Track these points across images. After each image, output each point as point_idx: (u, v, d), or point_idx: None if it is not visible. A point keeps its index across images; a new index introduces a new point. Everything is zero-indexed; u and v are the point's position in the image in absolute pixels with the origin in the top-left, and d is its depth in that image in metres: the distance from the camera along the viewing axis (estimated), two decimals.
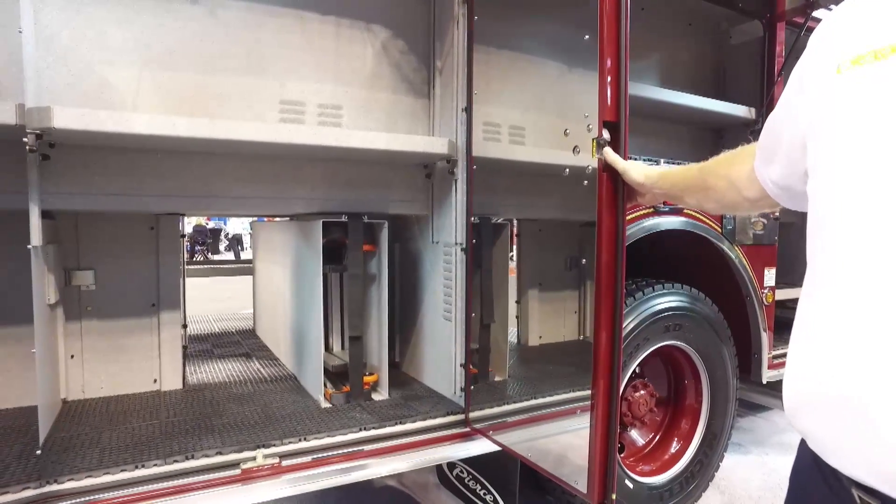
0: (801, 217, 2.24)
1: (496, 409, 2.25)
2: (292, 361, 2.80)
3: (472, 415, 2.24)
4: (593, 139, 1.52)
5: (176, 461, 1.76)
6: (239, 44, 2.17)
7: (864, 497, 0.68)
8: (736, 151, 1.16)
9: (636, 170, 1.46)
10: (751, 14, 3.28)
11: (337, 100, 2.33)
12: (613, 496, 1.61)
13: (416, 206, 2.52)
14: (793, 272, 4.38)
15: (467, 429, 2.21)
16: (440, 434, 2.18)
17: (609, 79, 1.48)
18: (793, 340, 0.79)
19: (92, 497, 1.60)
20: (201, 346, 3.26)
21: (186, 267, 3.45)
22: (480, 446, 2.20)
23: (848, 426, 0.67)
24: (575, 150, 1.79)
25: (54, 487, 1.58)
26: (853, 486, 0.68)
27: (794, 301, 0.91)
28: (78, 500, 1.59)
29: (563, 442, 2.12)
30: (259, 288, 3.75)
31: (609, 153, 1.50)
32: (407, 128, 2.48)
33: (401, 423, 2.16)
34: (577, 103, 2.07)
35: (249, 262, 4.38)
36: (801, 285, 2.35)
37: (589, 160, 1.60)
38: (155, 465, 1.73)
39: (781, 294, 3.70)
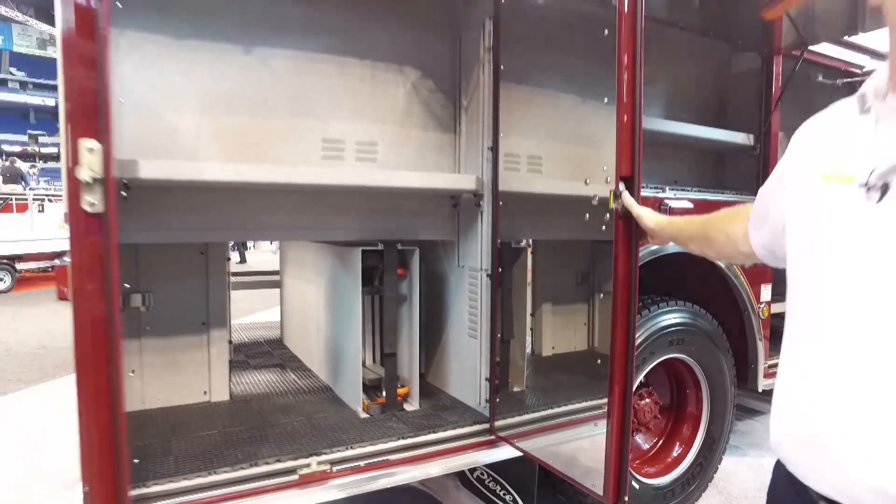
0: None
1: (517, 418, 2.49)
2: (327, 373, 3.04)
3: (497, 423, 2.49)
4: (611, 191, 1.76)
5: (242, 468, 1.99)
6: (286, 88, 2.40)
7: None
8: (735, 210, 1.39)
9: (649, 216, 1.69)
10: (750, 48, 3.52)
11: (372, 137, 2.57)
12: (626, 498, 1.85)
13: (443, 233, 2.75)
14: (782, 281, 4.64)
15: (493, 437, 2.45)
16: (469, 441, 2.42)
17: (626, 140, 1.71)
18: (777, 388, 1.03)
19: (175, 500, 1.84)
20: (236, 357, 3.49)
21: None
22: (505, 452, 2.44)
23: (816, 456, 0.91)
24: (586, 181, 2.04)
25: (143, 491, 1.81)
26: (820, 498, 0.92)
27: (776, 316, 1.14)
28: (163, 502, 1.82)
29: (578, 447, 2.36)
30: (288, 300, 3.97)
31: (626, 198, 1.74)
32: (435, 161, 2.71)
33: (433, 431, 2.40)
34: (589, 132, 2.32)
35: (264, 273, 4.56)
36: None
37: (596, 190, 1.86)
38: (224, 471, 1.96)
39: (777, 307, 3.95)
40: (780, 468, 1.04)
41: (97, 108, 1.22)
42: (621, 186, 1.76)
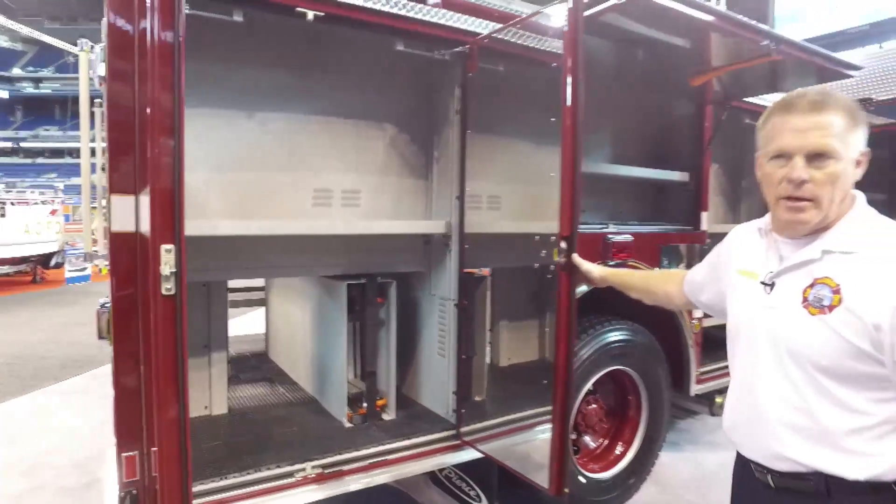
0: None
1: (479, 424, 2.95)
2: (313, 387, 3.44)
3: (463, 429, 2.93)
4: (555, 249, 2.21)
5: (248, 473, 2.40)
6: (282, 146, 2.80)
7: (756, 467, 1.41)
8: (669, 273, 1.96)
9: (596, 271, 2.17)
10: (687, 99, 4.03)
11: (356, 185, 2.98)
12: (567, 490, 2.32)
13: (416, 265, 3.18)
14: None
15: (459, 441, 2.90)
16: (438, 445, 2.87)
17: (566, 208, 2.17)
18: (728, 393, 1.54)
19: (195, 502, 2.23)
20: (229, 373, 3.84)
21: None
22: (469, 454, 2.90)
23: (747, 435, 1.44)
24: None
25: None
26: (751, 462, 1.44)
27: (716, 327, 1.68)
28: None
29: (530, 447, 2.82)
30: (274, 318, 4.35)
31: (576, 259, 2.18)
32: (410, 206, 3.14)
33: (408, 438, 2.84)
34: (542, 175, 2.77)
35: (251, 289, 4.90)
36: None
37: (540, 227, 2.31)
38: (234, 476, 2.36)
39: (707, 322, 4.49)
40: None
41: (174, 221, 1.63)
42: (563, 244, 2.21)
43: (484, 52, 2.75)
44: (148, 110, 1.76)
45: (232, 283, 4.47)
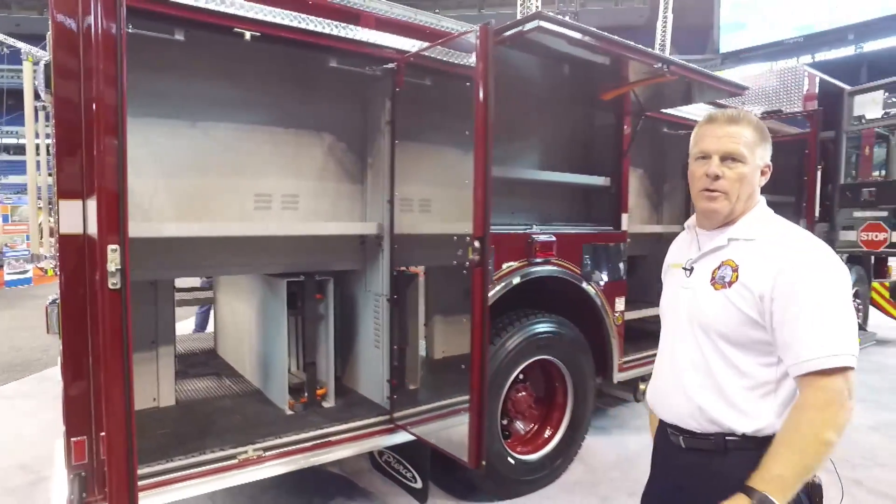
0: (651, 250, 3.63)
1: (411, 410, 3.21)
2: (258, 379, 3.65)
3: (395, 414, 3.19)
4: (468, 247, 2.50)
5: (193, 456, 2.60)
6: (225, 153, 3.01)
7: (670, 428, 1.65)
8: None
9: None
10: (608, 110, 4.38)
11: (295, 190, 3.21)
12: (484, 462, 2.60)
13: (352, 264, 3.43)
14: (647, 292, 5.60)
15: (392, 425, 3.16)
16: (373, 429, 3.12)
17: (479, 212, 2.45)
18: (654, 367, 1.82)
19: (142, 482, 2.42)
20: (178, 367, 4.01)
21: None
22: (402, 437, 3.16)
23: (665, 400, 1.67)
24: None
25: None
26: (667, 427, 1.67)
27: (641, 319, 1.90)
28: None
29: (455, 430, 3.09)
30: (221, 316, 4.52)
31: None
32: (346, 208, 3.38)
33: (345, 423, 3.08)
34: (466, 180, 3.04)
35: (197, 289, 5.07)
36: (653, 305, 3.70)
37: (465, 228, 2.61)
38: (179, 459, 2.56)
39: (631, 315, 4.86)
40: None
41: (118, 224, 1.85)
42: (476, 244, 2.49)
43: (410, 68, 3.02)
44: (93, 107, 1.92)
45: (181, 283, 4.62)
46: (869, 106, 6.01)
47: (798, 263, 1.46)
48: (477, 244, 2.47)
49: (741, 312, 1.50)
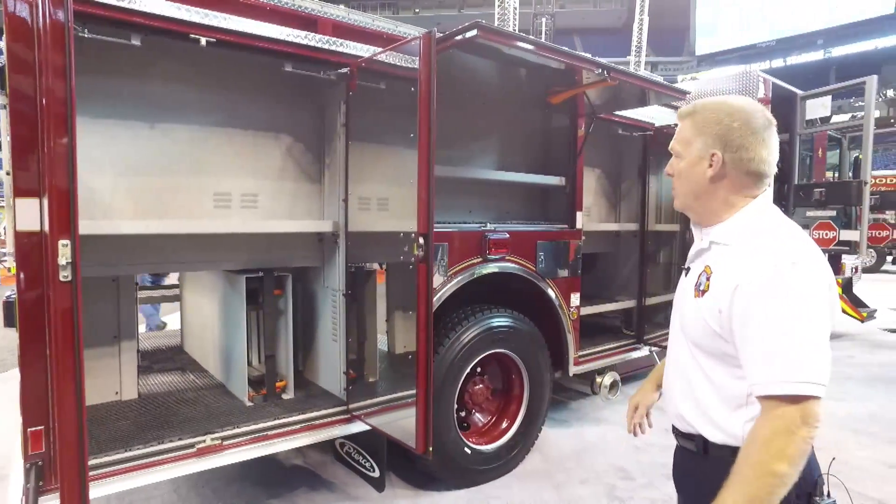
0: (614, 246, 3.84)
1: (367, 401, 3.34)
2: (220, 373, 3.75)
3: (352, 405, 3.32)
4: (414, 243, 2.64)
5: (151, 445, 2.70)
6: (185, 154, 3.11)
7: (672, 428, 1.64)
8: None
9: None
10: (562, 110, 4.56)
11: (255, 189, 3.32)
12: (430, 448, 2.74)
13: (310, 260, 3.56)
14: (608, 288, 5.79)
15: (348, 415, 3.29)
16: (330, 419, 3.24)
17: (422, 210, 2.59)
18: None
19: (99, 471, 2.52)
20: (143, 363, 4.10)
21: None
22: (358, 427, 3.29)
23: (666, 401, 1.67)
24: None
25: None
26: (673, 429, 1.65)
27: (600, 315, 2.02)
28: (93, 472, 2.50)
29: (409, 420, 3.23)
30: (187, 312, 4.61)
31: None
32: (305, 207, 3.50)
33: (302, 413, 3.20)
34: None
35: (166, 287, 5.15)
36: (613, 300, 3.91)
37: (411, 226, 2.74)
38: (138, 448, 2.67)
39: (589, 310, 5.04)
40: None
41: (69, 220, 1.96)
42: (421, 240, 2.63)
43: (363, 72, 3.16)
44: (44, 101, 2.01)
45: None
46: (819, 110, 6.26)
47: (755, 280, 1.34)
48: (421, 241, 2.60)
49: (706, 324, 1.44)
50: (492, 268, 3.88)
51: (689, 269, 1.60)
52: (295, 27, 2.99)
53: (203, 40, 2.62)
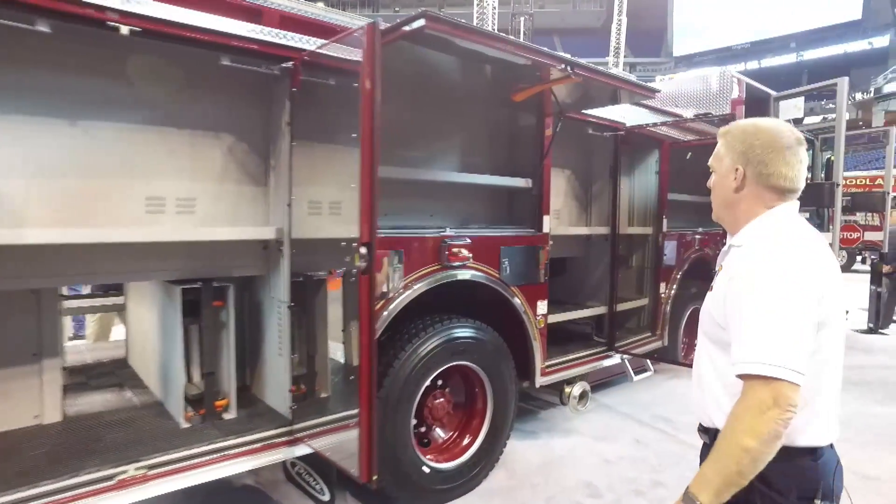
0: (585, 250, 3.58)
1: (313, 421, 3.10)
2: (160, 390, 3.48)
3: (297, 426, 3.08)
4: (356, 254, 2.41)
5: (63, 479, 2.43)
6: (111, 154, 2.83)
7: (699, 427, 1.74)
8: None
9: None
10: (528, 109, 4.35)
11: (192, 193, 3.06)
12: (375, 476, 2.51)
13: (255, 269, 3.30)
14: (579, 294, 5.61)
15: (292, 437, 3.04)
16: (271, 442, 3.00)
17: (364, 217, 2.36)
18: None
19: None
20: (76, 379, 3.80)
21: None
22: (302, 450, 3.05)
23: (697, 408, 1.74)
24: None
25: None
26: (699, 426, 1.74)
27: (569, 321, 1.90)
28: None
29: (354, 441, 3.00)
30: (131, 323, 4.32)
31: None
32: (249, 212, 3.24)
33: (241, 435, 2.95)
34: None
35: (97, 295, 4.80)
36: (584, 307, 3.71)
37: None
38: (46, 484, 2.39)
39: (558, 317, 4.85)
40: None
41: None
42: (362, 250, 2.40)
43: (308, 67, 2.92)
44: None
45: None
46: (792, 111, 6.18)
47: (744, 272, 1.53)
48: (363, 251, 2.38)
49: (712, 314, 1.63)
50: (451, 275, 3.66)
51: (720, 266, 1.74)
52: (238, 18, 2.75)
53: (124, 28, 2.36)
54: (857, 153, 29.41)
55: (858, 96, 37.03)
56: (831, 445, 1.60)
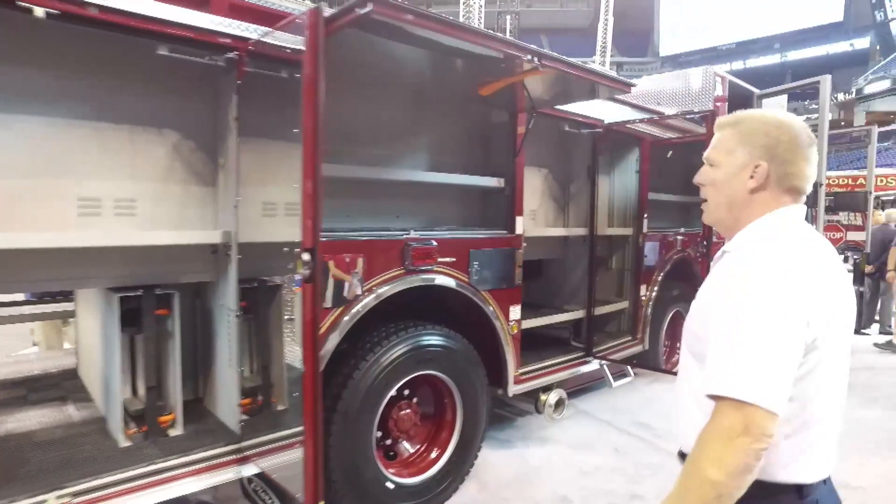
0: (562, 252, 3.35)
1: (264, 437, 2.89)
2: (102, 405, 3.25)
3: (246, 443, 2.87)
4: (298, 260, 2.20)
5: None
6: (37, 151, 2.59)
7: (680, 454, 1.51)
8: None
9: None
10: (501, 107, 4.17)
11: (132, 194, 2.83)
12: (322, 502, 2.31)
13: (203, 275, 3.08)
14: (556, 297, 5.44)
15: (239, 456, 2.83)
16: (217, 461, 2.79)
17: (307, 220, 2.16)
18: None
19: None
20: (15, 392, 3.55)
21: None
22: (250, 469, 2.84)
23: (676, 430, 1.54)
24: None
25: None
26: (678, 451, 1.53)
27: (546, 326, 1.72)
28: None
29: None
30: (80, 332, 4.08)
31: None
32: (197, 213, 3.03)
33: (185, 455, 2.74)
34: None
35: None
36: (561, 311, 3.48)
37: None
38: None
39: (534, 322, 4.67)
40: None
41: None
42: (304, 256, 2.20)
43: (254, 57, 2.71)
44: None
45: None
46: (776, 109, 6.05)
47: (726, 287, 1.33)
48: (306, 257, 2.17)
49: (693, 325, 1.47)
50: (416, 280, 3.46)
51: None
52: (183, 5, 2.54)
53: (39, 10, 2.14)
54: (840, 153, 29.68)
55: (841, 97, 37.40)
56: (825, 481, 1.39)
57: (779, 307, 1.24)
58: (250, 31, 2.64)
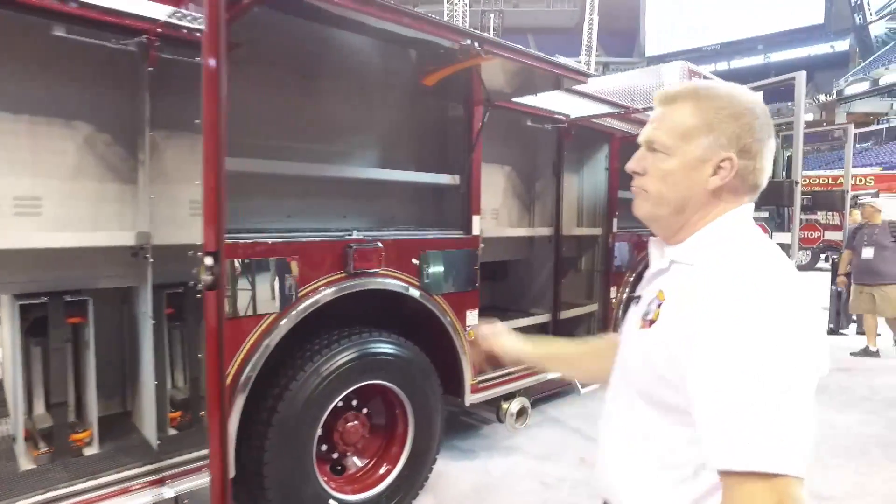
0: (527, 253, 3.12)
1: (186, 456, 2.66)
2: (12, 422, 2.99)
3: (165, 462, 2.63)
4: (201, 266, 1.97)
5: None
6: None
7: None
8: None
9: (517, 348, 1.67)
10: (455, 99, 3.96)
11: (35, 191, 2.58)
12: None
13: (122, 280, 2.84)
14: (521, 300, 5.23)
15: (157, 477, 2.59)
16: (132, 484, 2.53)
17: (209, 221, 1.93)
18: None
19: None
20: None
21: None
22: (170, 491, 2.60)
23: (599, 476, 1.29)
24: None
25: None
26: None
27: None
28: None
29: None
30: (4, 343, 3.81)
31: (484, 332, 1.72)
32: (115, 212, 2.77)
33: (95, 477, 2.48)
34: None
35: None
36: (527, 314, 3.26)
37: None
38: None
39: None
40: None
41: None
42: (207, 260, 1.97)
43: (170, 41, 2.47)
44: None
45: None
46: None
47: (723, 317, 0.99)
48: (209, 261, 1.94)
49: (652, 363, 1.10)
50: (359, 284, 3.24)
51: (639, 297, 1.26)
52: None
53: None
54: (821, 153, 29.87)
55: (822, 98, 37.75)
56: None
57: (796, 353, 0.98)
58: (156, 10, 2.40)
